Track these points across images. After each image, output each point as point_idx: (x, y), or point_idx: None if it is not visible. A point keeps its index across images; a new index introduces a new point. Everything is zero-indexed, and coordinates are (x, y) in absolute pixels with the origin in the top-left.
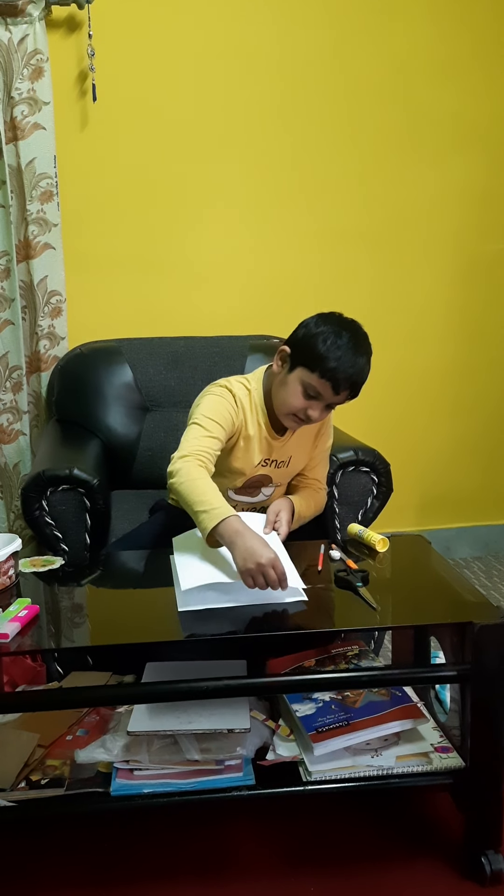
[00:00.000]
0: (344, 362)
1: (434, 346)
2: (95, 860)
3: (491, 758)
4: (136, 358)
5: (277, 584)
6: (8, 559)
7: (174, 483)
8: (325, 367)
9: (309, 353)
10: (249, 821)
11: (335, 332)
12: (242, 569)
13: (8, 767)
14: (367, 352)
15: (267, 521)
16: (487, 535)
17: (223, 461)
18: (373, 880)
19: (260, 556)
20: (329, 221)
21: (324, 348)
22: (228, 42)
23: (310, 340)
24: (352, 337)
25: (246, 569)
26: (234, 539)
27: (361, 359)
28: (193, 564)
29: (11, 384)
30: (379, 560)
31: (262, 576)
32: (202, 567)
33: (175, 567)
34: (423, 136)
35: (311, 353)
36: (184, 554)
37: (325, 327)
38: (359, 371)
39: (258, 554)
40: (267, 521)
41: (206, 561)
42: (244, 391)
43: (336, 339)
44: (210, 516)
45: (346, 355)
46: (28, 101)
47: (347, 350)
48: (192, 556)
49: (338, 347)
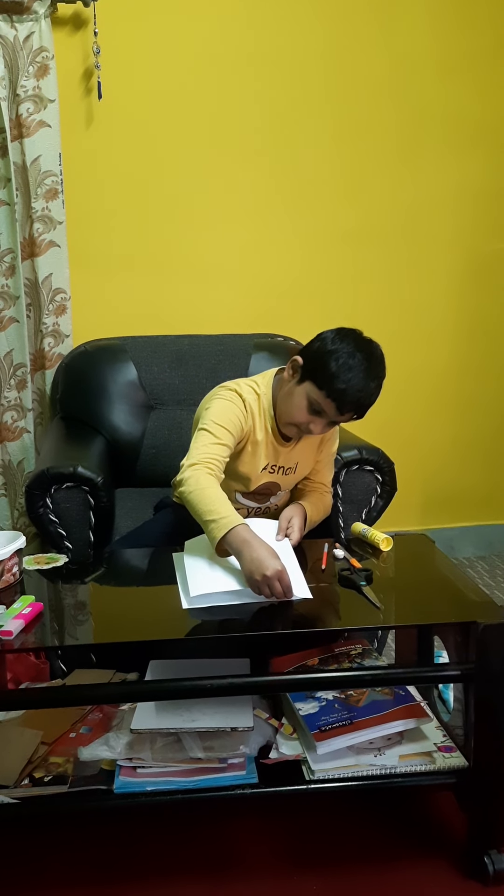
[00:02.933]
0: (353, 385)
1: (438, 345)
2: (98, 857)
3: (494, 757)
4: (140, 356)
5: (283, 596)
6: (12, 556)
7: (184, 491)
8: (332, 388)
9: (320, 370)
10: (252, 819)
11: (349, 353)
12: (249, 579)
13: (11, 764)
14: (379, 376)
15: (279, 527)
16: (491, 534)
17: (230, 465)
18: (375, 879)
19: (266, 568)
20: (332, 220)
21: (335, 367)
22: (232, 40)
23: (323, 357)
24: (365, 359)
25: (252, 580)
26: (241, 548)
27: (371, 383)
28: (203, 571)
29: (16, 382)
30: (383, 559)
31: (268, 587)
32: (212, 574)
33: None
34: (425, 135)
35: (321, 370)
36: (194, 558)
37: (340, 345)
38: (367, 395)
39: (265, 565)
40: (279, 527)
41: (216, 567)
42: (253, 396)
43: (348, 360)
44: (219, 526)
45: (357, 378)
46: (33, 99)
47: (359, 373)
48: (203, 562)
49: (349, 369)
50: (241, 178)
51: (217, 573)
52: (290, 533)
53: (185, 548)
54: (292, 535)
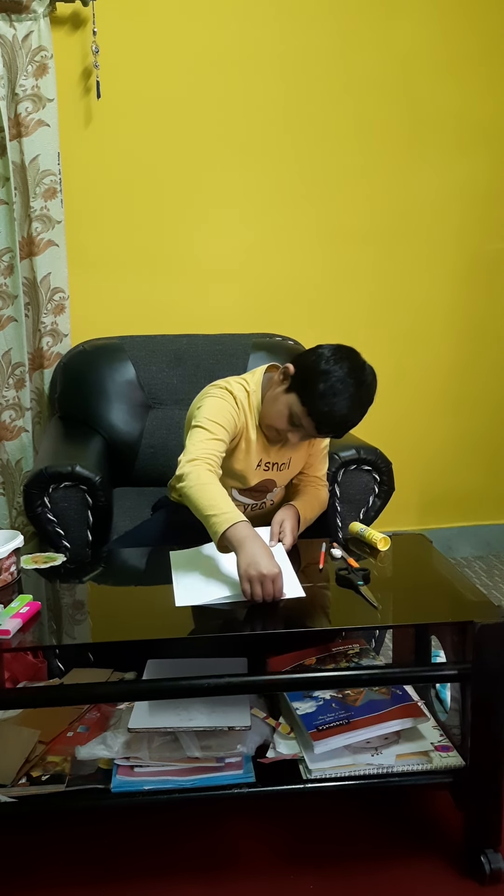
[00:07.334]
0: (336, 411)
1: (436, 345)
2: (95, 856)
3: (491, 757)
4: (138, 355)
5: (271, 598)
6: (10, 556)
7: (184, 487)
8: (315, 408)
9: (307, 387)
10: (249, 818)
11: (340, 378)
12: (244, 574)
13: (9, 763)
14: (365, 403)
15: (272, 532)
16: (489, 534)
17: (225, 464)
18: (372, 878)
19: (263, 567)
20: (332, 220)
21: (322, 388)
22: (232, 40)
23: (313, 374)
24: (355, 386)
25: (248, 575)
26: (242, 543)
27: (355, 411)
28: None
29: (14, 381)
30: (380, 559)
31: (261, 585)
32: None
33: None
34: (426, 134)
35: (309, 388)
36: (180, 572)
37: (334, 367)
38: (346, 422)
39: (262, 564)
40: (272, 532)
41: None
42: (244, 393)
43: (337, 384)
44: (220, 521)
45: (341, 404)
46: (32, 98)
47: (345, 399)
48: (188, 574)
49: (336, 393)
50: (240, 178)
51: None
52: (282, 537)
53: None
54: (285, 539)
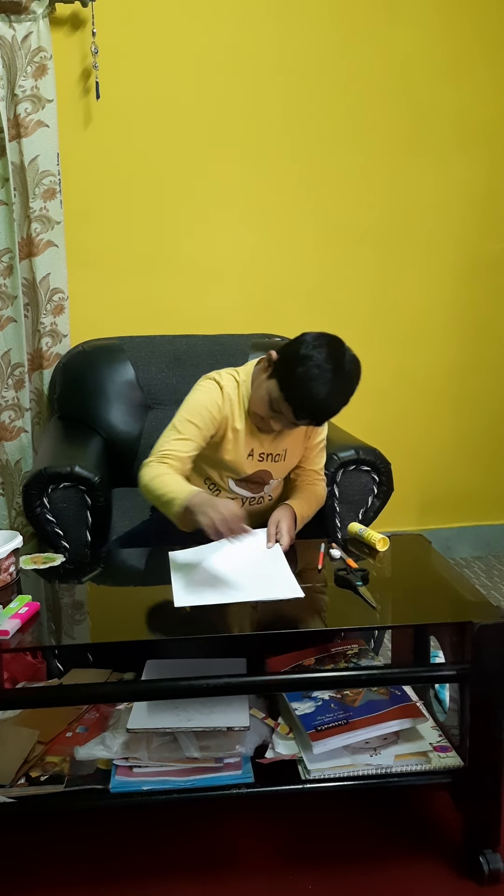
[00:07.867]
0: (312, 396)
1: (435, 346)
2: (94, 856)
3: (490, 757)
4: (138, 356)
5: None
6: (9, 556)
7: (141, 487)
8: (292, 393)
9: (286, 372)
10: (248, 818)
11: (318, 364)
12: (208, 525)
13: (8, 764)
14: (345, 390)
15: (268, 534)
16: (488, 534)
17: (214, 455)
18: (371, 879)
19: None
20: (331, 220)
21: (300, 372)
22: (232, 40)
23: (293, 359)
24: (333, 372)
25: (212, 527)
26: (202, 507)
27: (333, 398)
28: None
29: (13, 381)
30: (379, 559)
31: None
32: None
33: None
34: (425, 135)
35: (288, 373)
36: (179, 572)
37: (313, 352)
38: (324, 408)
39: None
40: (268, 534)
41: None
42: (233, 383)
43: (314, 370)
44: (177, 500)
45: (318, 389)
46: (31, 99)
47: (322, 384)
48: (187, 575)
49: (312, 378)
50: (240, 179)
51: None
52: (279, 538)
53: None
54: (282, 539)
